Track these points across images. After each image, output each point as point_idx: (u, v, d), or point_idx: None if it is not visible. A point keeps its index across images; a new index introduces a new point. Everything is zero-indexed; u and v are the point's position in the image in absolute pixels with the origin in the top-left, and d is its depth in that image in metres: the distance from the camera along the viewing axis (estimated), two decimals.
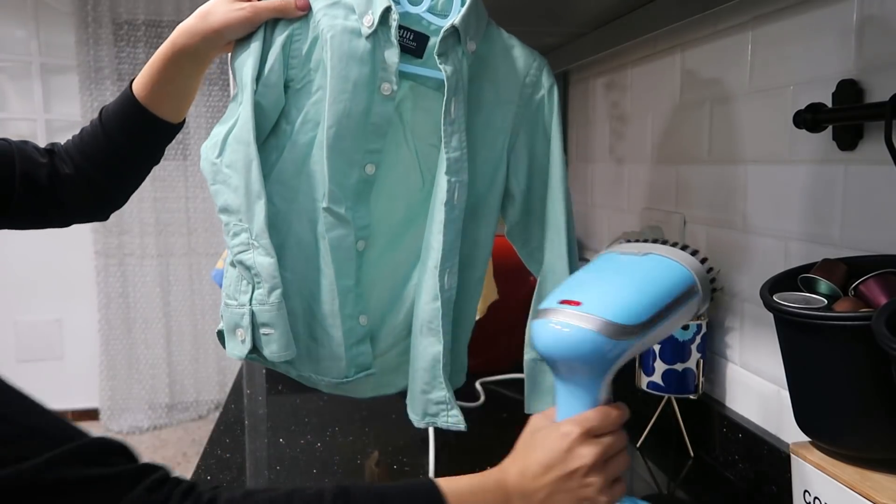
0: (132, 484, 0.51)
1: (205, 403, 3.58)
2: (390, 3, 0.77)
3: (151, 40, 3.38)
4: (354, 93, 0.78)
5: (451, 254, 0.82)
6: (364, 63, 0.78)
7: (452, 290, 0.84)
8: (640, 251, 0.72)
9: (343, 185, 0.80)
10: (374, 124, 0.80)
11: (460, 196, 0.81)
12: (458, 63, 0.80)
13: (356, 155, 0.80)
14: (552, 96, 0.87)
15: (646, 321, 0.65)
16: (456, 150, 0.81)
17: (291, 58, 0.79)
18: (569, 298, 0.67)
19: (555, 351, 0.65)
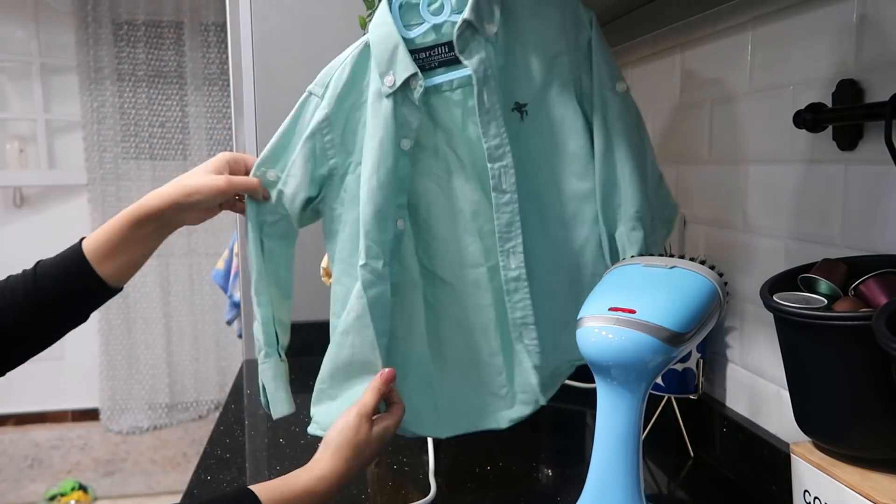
0: None
1: (205, 403, 3.58)
2: (415, 70, 0.80)
3: (151, 40, 3.39)
4: (381, 150, 0.81)
5: (509, 235, 0.84)
6: (388, 121, 0.81)
7: (519, 269, 0.85)
8: (666, 264, 0.75)
9: (381, 241, 0.83)
10: (399, 179, 0.83)
11: (507, 180, 0.82)
12: (481, 52, 0.80)
13: (389, 209, 0.82)
14: (593, 29, 0.84)
15: (693, 329, 0.69)
16: (495, 138, 0.81)
17: (328, 150, 0.85)
18: (620, 306, 0.69)
19: (609, 356, 0.68)
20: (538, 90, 0.84)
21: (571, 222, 0.86)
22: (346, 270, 0.86)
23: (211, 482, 0.96)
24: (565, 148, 0.85)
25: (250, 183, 0.84)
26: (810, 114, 0.80)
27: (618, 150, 0.84)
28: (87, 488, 2.95)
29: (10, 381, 3.05)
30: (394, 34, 0.80)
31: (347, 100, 0.84)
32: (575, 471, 1.00)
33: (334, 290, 0.88)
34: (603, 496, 0.72)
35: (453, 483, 0.96)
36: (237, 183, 0.82)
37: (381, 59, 0.81)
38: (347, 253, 0.86)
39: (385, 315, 0.84)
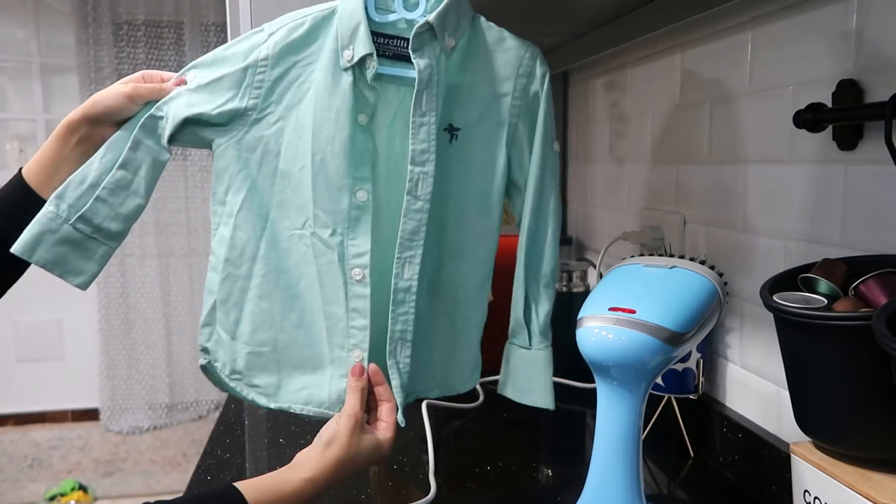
0: None
1: (205, 403, 3.58)
2: (371, 50, 0.79)
3: (151, 40, 3.38)
4: (336, 121, 0.80)
5: (410, 244, 0.82)
6: (346, 94, 0.80)
7: (411, 281, 0.83)
8: (666, 264, 0.75)
9: (332, 210, 0.82)
10: (358, 151, 0.82)
11: (424, 187, 0.81)
12: (433, 58, 0.80)
13: (345, 180, 0.81)
14: (545, 84, 0.86)
15: (693, 329, 0.68)
16: (423, 142, 0.81)
17: (254, 88, 0.82)
18: (620, 306, 0.69)
19: (610, 356, 0.68)
20: (473, 121, 0.85)
21: (463, 254, 0.88)
22: (252, 220, 0.84)
23: (211, 482, 0.96)
24: (479, 184, 0.87)
25: (154, 89, 0.83)
26: (810, 114, 0.80)
27: (548, 205, 0.88)
28: (87, 488, 2.95)
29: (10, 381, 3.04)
30: (359, 11, 0.80)
31: (294, 54, 0.83)
32: (575, 471, 1.00)
33: (233, 236, 0.84)
34: (603, 496, 0.72)
35: (453, 483, 0.96)
36: (142, 89, 0.82)
37: (343, 33, 0.81)
38: (257, 204, 0.84)
39: (337, 284, 0.82)
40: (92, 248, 0.81)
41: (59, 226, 0.78)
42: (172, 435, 3.45)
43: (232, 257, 0.84)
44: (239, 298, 0.85)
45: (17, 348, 3.42)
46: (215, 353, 0.88)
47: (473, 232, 0.88)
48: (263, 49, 0.82)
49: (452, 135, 0.85)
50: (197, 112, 0.82)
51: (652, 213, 1.24)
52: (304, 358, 0.86)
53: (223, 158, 0.84)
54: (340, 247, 0.82)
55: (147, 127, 0.82)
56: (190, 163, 3.43)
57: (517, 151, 0.87)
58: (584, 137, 1.59)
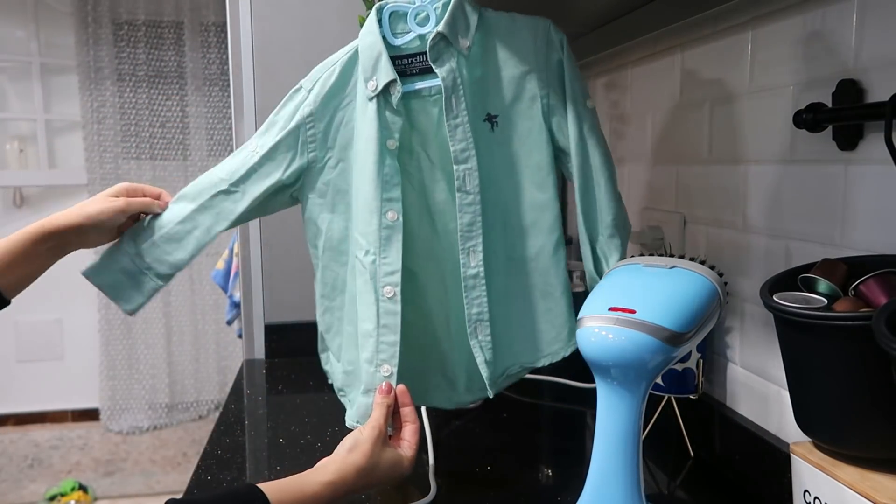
0: None
1: (205, 403, 3.58)
2: (394, 76, 0.85)
3: (151, 40, 3.38)
4: (367, 148, 0.87)
5: (470, 234, 0.88)
6: (373, 122, 0.86)
7: (478, 268, 0.88)
8: (666, 264, 0.75)
9: (366, 232, 0.88)
10: (387, 174, 0.87)
11: (471, 181, 0.87)
12: (453, 62, 0.85)
13: (374, 202, 0.87)
14: (564, 50, 0.89)
15: (693, 329, 0.68)
16: (461, 142, 0.86)
17: (309, 143, 0.91)
18: (620, 306, 0.69)
19: (609, 356, 0.68)
20: (508, 104, 0.90)
21: (530, 230, 0.92)
22: (335, 258, 0.93)
23: (211, 482, 0.96)
24: (529, 159, 0.91)
25: (146, 202, 0.91)
26: (810, 114, 0.80)
27: (594, 160, 0.90)
28: (87, 488, 2.95)
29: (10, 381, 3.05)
30: (378, 43, 0.86)
31: (334, 100, 0.91)
32: (575, 471, 1.00)
33: (323, 275, 0.94)
34: (603, 496, 0.72)
35: (453, 483, 0.96)
36: (135, 203, 0.89)
37: (366, 66, 0.87)
38: (336, 242, 0.93)
39: (370, 301, 0.88)
40: (144, 281, 0.91)
41: (121, 257, 0.90)
42: (172, 435, 3.45)
43: (325, 292, 0.95)
44: (338, 327, 0.96)
45: (17, 348, 3.42)
46: (330, 374, 1.00)
47: (535, 205, 0.92)
48: (306, 106, 0.90)
49: (493, 122, 0.90)
50: (272, 182, 0.91)
51: (652, 213, 1.24)
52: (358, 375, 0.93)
53: (307, 210, 0.94)
54: (373, 266, 0.88)
55: (219, 197, 0.91)
56: (190, 163, 3.43)
57: (556, 119, 0.90)
58: None
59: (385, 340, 0.87)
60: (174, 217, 0.91)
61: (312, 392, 1.29)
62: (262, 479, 0.98)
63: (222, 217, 0.91)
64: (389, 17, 0.88)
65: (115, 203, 0.87)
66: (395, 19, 0.88)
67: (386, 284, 0.87)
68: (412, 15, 0.87)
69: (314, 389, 1.31)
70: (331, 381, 1.00)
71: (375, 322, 0.87)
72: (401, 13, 0.88)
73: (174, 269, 0.91)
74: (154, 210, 0.91)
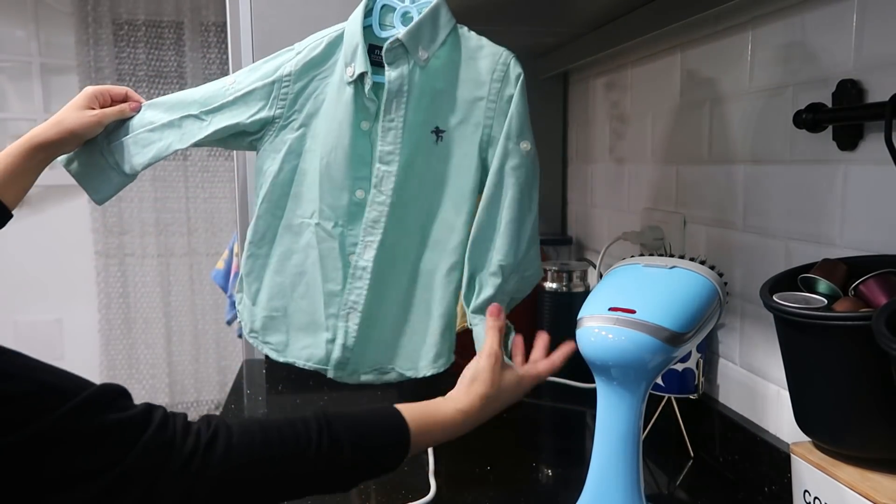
0: (144, 426, 0.56)
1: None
2: (367, 69, 0.90)
3: (152, 41, 3.38)
4: (340, 130, 0.92)
5: (372, 230, 0.94)
6: (348, 105, 0.92)
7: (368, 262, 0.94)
8: (666, 264, 0.75)
9: (335, 206, 0.94)
10: (358, 155, 0.93)
11: (387, 184, 0.92)
12: (405, 69, 0.89)
13: (345, 181, 0.93)
14: (518, 86, 0.92)
15: (693, 329, 0.68)
16: (390, 144, 0.91)
17: (280, 99, 0.96)
18: (620, 306, 0.68)
19: (609, 356, 0.67)
20: (455, 124, 0.93)
21: (435, 245, 0.96)
22: (272, 210, 0.99)
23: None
24: (456, 181, 0.94)
25: (120, 111, 0.97)
26: (810, 114, 0.80)
27: (504, 200, 0.92)
28: None
29: None
30: (359, 33, 0.91)
31: (313, 70, 0.96)
32: (575, 471, 1.00)
33: (257, 223, 0.99)
34: (603, 496, 0.72)
35: (453, 483, 0.96)
36: (109, 113, 0.95)
37: (347, 51, 0.93)
38: (277, 196, 0.98)
39: (336, 266, 0.96)
40: (111, 176, 0.97)
41: (94, 151, 0.97)
42: None
43: (255, 240, 1.00)
44: (259, 273, 1.01)
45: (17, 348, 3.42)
46: (241, 314, 1.04)
47: (446, 224, 0.95)
48: (288, 66, 0.96)
49: (438, 136, 0.93)
50: (235, 121, 0.96)
51: (652, 213, 1.24)
52: (306, 323, 1.00)
53: (259, 159, 0.99)
54: (341, 236, 0.95)
55: (188, 120, 0.97)
56: (190, 163, 3.43)
57: (492, 151, 0.93)
58: (584, 137, 1.59)
59: (351, 298, 0.96)
60: (146, 123, 0.97)
61: (312, 392, 1.29)
62: None
63: (185, 138, 0.97)
64: (381, 9, 0.93)
65: (91, 117, 0.94)
66: (385, 12, 0.93)
67: (352, 253, 0.95)
68: (399, 13, 0.92)
69: (314, 389, 1.31)
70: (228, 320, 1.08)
71: (342, 283, 0.96)
72: (391, 8, 0.93)
73: (132, 171, 0.97)
74: (127, 115, 0.97)
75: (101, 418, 0.54)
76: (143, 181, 3.43)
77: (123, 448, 0.54)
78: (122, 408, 0.56)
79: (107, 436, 0.54)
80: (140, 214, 3.34)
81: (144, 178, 3.45)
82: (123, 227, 3.34)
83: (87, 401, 0.53)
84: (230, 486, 0.60)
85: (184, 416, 0.60)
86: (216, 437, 0.60)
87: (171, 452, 0.57)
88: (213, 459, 0.58)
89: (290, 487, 0.64)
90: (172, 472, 0.56)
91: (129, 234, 3.36)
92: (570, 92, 1.68)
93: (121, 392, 0.58)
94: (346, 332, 0.97)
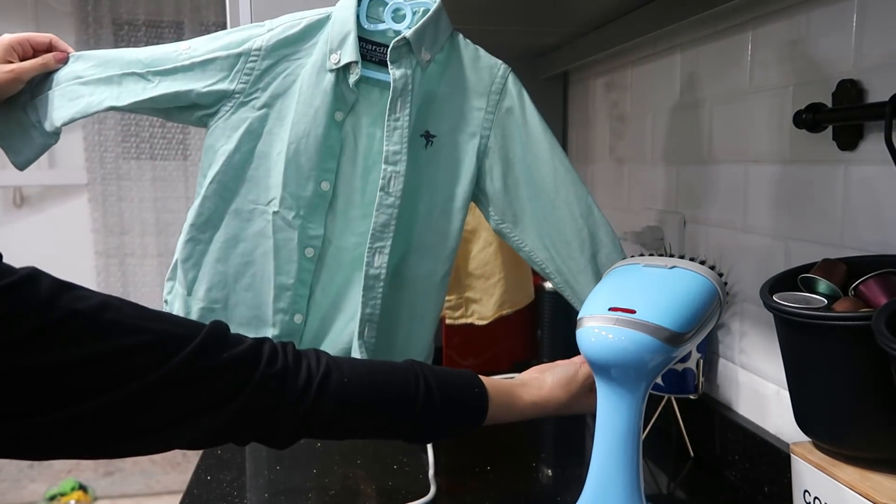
0: (256, 360, 0.62)
1: None
2: (357, 59, 0.86)
3: (152, 41, 3.38)
4: (315, 118, 0.88)
5: (381, 235, 0.90)
6: (327, 94, 0.88)
7: (381, 269, 0.90)
8: (666, 264, 0.75)
9: (297, 195, 0.90)
10: (329, 146, 0.89)
11: (395, 185, 0.89)
12: (409, 69, 0.87)
13: (312, 171, 0.89)
14: (522, 100, 0.92)
15: (693, 329, 0.68)
16: (396, 144, 0.88)
17: (244, 74, 0.90)
18: (620, 306, 0.68)
19: (609, 356, 0.67)
20: (447, 130, 0.92)
21: (426, 252, 0.94)
22: (220, 192, 0.92)
23: (211, 482, 0.96)
24: (447, 188, 0.93)
25: (40, 63, 0.88)
26: (810, 114, 0.80)
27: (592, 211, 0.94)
28: (87, 488, 2.95)
29: None
30: (351, 21, 0.87)
31: (285, 49, 0.91)
32: (575, 471, 1.00)
33: (202, 205, 0.92)
34: (603, 496, 0.72)
35: (453, 483, 0.96)
36: (28, 68, 0.87)
37: (334, 38, 0.88)
38: (229, 178, 0.91)
39: (292, 259, 0.91)
40: (34, 136, 0.90)
41: (17, 107, 0.89)
42: None
43: (198, 223, 0.92)
44: (198, 259, 0.93)
45: None
46: (172, 304, 0.96)
47: (438, 231, 0.94)
48: (259, 40, 0.90)
49: (428, 140, 0.92)
50: (187, 88, 0.89)
51: (652, 213, 1.24)
52: (250, 318, 0.94)
53: (211, 136, 0.92)
54: (301, 228, 0.91)
55: (130, 78, 0.89)
56: (190, 163, 3.43)
57: (488, 162, 0.92)
58: (584, 137, 1.59)
59: (300, 294, 0.92)
60: (76, 76, 0.90)
61: None
62: (262, 478, 0.99)
63: (123, 97, 0.89)
64: (370, 1, 0.90)
65: (7, 73, 0.85)
66: (375, 5, 0.90)
67: (308, 246, 0.91)
68: (390, 8, 0.89)
69: None
70: None
71: (295, 277, 0.91)
72: (381, 1, 0.90)
73: (52, 128, 0.89)
74: (52, 68, 0.89)
75: (216, 358, 0.60)
76: (143, 181, 3.44)
77: (239, 384, 0.60)
78: (234, 343, 0.62)
79: (223, 374, 0.60)
80: (140, 214, 3.34)
81: (145, 179, 3.45)
82: (124, 227, 3.34)
83: (202, 344, 0.59)
84: (340, 423, 0.68)
85: (292, 346, 0.66)
86: (328, 377, 0.65)
87: (285, 386, 0.63)
88: (326, 397, 0.65)
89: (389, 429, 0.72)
90: (288, 405, 0.63)
91: (129, 235, 3.36)
92: (570, 92, 1.68)
93: (227, 329, 0.63)
94: (366, 347, 0.92)
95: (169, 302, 0.97)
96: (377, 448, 1.07)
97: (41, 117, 0.89)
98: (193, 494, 0.92)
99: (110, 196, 3.40)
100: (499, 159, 0.92)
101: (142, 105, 0.90)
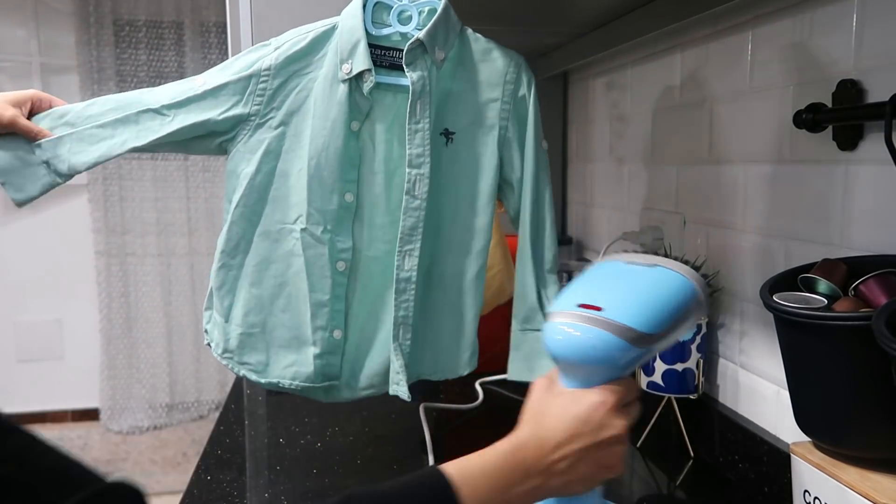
0: None
1: (205, 403, 3.58)
2: (370, 66, 0.86)
3: (152, 41, 3.39)
4: (333, 130, 0.88)
5: (410, 238, 0.90)
6: (342, 105, 0.88)
7: (411, 272, 0.90)
8: (647, 262, 0.73)
9: (323, 210, 0.90)
10: (349, 157, 0.90)
11: (421, 187, 0.89)
12: (425, 70, 0.87)
13: (336, 184, 0.89)
14: (531, 91, 0.93)
15: (663, 331, 0.66)
16: (419, 147, 0.88)
17: (256, 95, 0.90)
18: (588, 303, 0.67)
19: (573, 354, 0.66)
20: (466, 125, 0.92)
21: (458, 249, 0.95)
22: (247, 216, 0.92)
23: (211, 482, 0.96)
24: (473, 183, 0.93)
25: (33, 129, 0.87)
26: (810, 114, 0.80)
27: (543, 200, 0.94)
28: None
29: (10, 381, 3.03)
30: (359, 29, 0.87)
31: (295, 64, 0.91)
32: None
33: (230, 230, 0.92)
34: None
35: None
36: (21, 125, 0.86)
37: (343, 48, 0.88)
38: (254, 200, 0.91)
39: (325, 275, 0.91)
40: (40, 174, 0.88)
41: (21, 142, 0.87)
42: (172, 435, 3.45)
43: (227, 249, 0.93)
44: (232, 285, 0.94)
45: (17, 348, 3.42)
46: (211, 333, 0.97)
47: (468, 227, 0.94)
48: (267, 60, 0.90)
49: (448, 138, 0.92)
50: (203, 118, 0.89)
51: (652, 213, 1.24)
52: (290, 338, 0.93)
53: (232, 161, 0.92)
54: (331, 242, 0.90)
55: (147, 115, 0.89)
56: (191, 163, 3.43)
57: (508, 151, 0.93)
58: (584, 137, 1.59)
59: (337, 309, 0.92)
60: (93, 118, 0.89)
61: None
62: (262, 479, 0.99)
63: (143, 135, 0.89)
64: (374, 6, 0.89)
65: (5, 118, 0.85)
66: (379, 10, 0.90)
67: (339, 260, 0.91)
68: (395, 11, 0.89)
69: None
70: (208, 342, 0.98)
71: (330, 293, 0.91)
72: (385, 5, 0.90)
73: (71, 170, 0.88)
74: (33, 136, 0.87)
75: None
76: (144, 181, 3.44)
77: None
78: None
79: None
80: (141, 214, 3.34)
81: (145, 179, 3.45)
82: (124, 227, 3.35)
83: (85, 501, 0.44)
84: None
85: None
86: None
87: None
88: None
89: None
90: None
91: (129, 234, 3.36)
92: (570, 92, 1.68)
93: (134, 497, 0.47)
94: (402, 350, 0.91)
95: (209, 332, 0.97)
96: (377, 448, 1.07)
97: (51, 159, 0.87)
98: (193, 494, 0.92)
99: (111, 196, 3.40)
100: (519, 147, 0.93)
101: (162, 141, 0.89)
